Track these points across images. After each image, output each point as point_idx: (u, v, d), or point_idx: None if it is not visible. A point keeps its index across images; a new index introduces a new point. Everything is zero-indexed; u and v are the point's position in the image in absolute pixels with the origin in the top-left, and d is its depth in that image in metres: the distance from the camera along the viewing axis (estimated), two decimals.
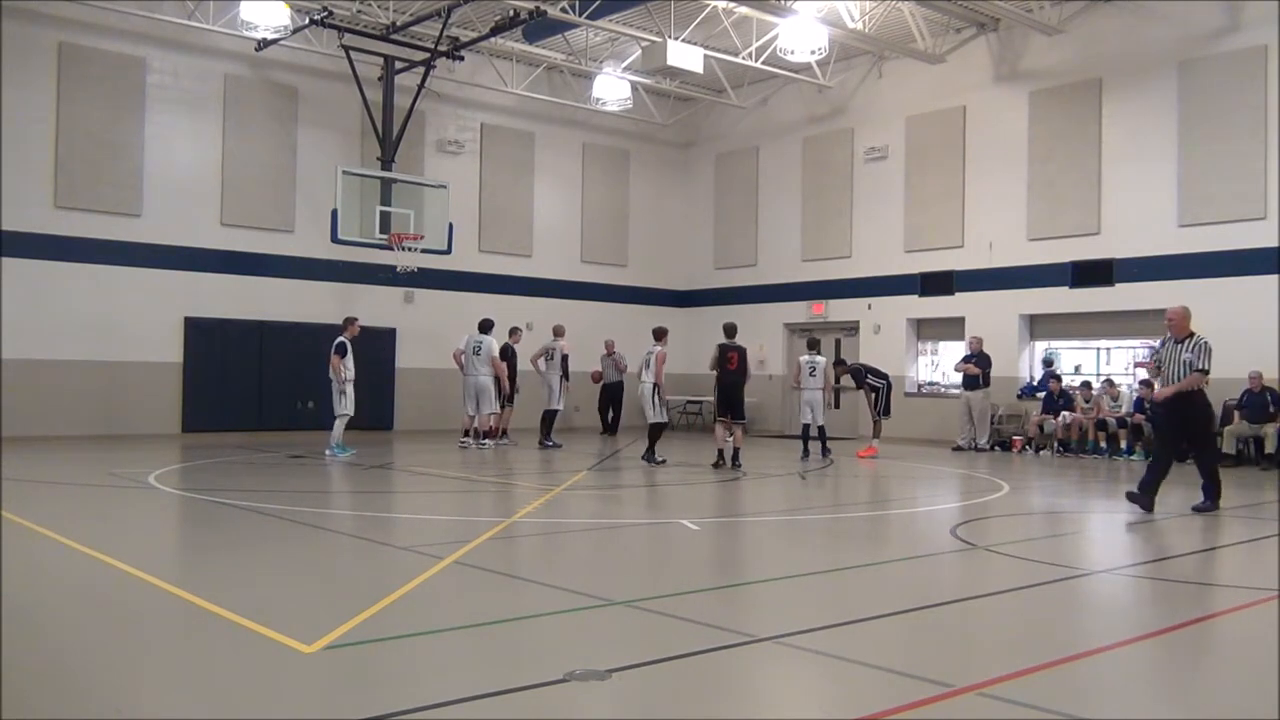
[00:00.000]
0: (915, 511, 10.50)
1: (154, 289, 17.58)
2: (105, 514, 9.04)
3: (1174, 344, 9.56)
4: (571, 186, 22.95)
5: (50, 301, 16.59)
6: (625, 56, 20.82)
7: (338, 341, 14.51)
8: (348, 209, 17.30)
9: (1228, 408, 15.38)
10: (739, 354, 13.44)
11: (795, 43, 17.23)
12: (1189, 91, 16.45)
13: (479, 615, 5.18)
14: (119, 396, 17.17)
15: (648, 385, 13.77)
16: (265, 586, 6.01)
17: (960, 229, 19.41)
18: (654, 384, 13.72)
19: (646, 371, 13.83)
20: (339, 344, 14.47)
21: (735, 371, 13.38)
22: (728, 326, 13.98)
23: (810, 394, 15.54)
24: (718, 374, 13.45)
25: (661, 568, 7.01)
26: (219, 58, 18.34)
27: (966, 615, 5.61)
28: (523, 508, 9.42)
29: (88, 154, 17.07)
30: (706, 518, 9.38)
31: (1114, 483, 13.19)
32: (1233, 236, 15.86)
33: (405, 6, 18.11)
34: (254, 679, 4.15)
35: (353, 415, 14.61)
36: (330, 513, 9.24)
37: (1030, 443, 17.44)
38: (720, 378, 13.42)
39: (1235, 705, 4.10)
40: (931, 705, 3.85)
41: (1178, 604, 6.12)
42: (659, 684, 4.17)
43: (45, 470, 11.97)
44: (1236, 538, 8.79)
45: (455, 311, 19.73)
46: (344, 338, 14.56)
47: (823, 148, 21.85)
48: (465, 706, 3.76)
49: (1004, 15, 17.63)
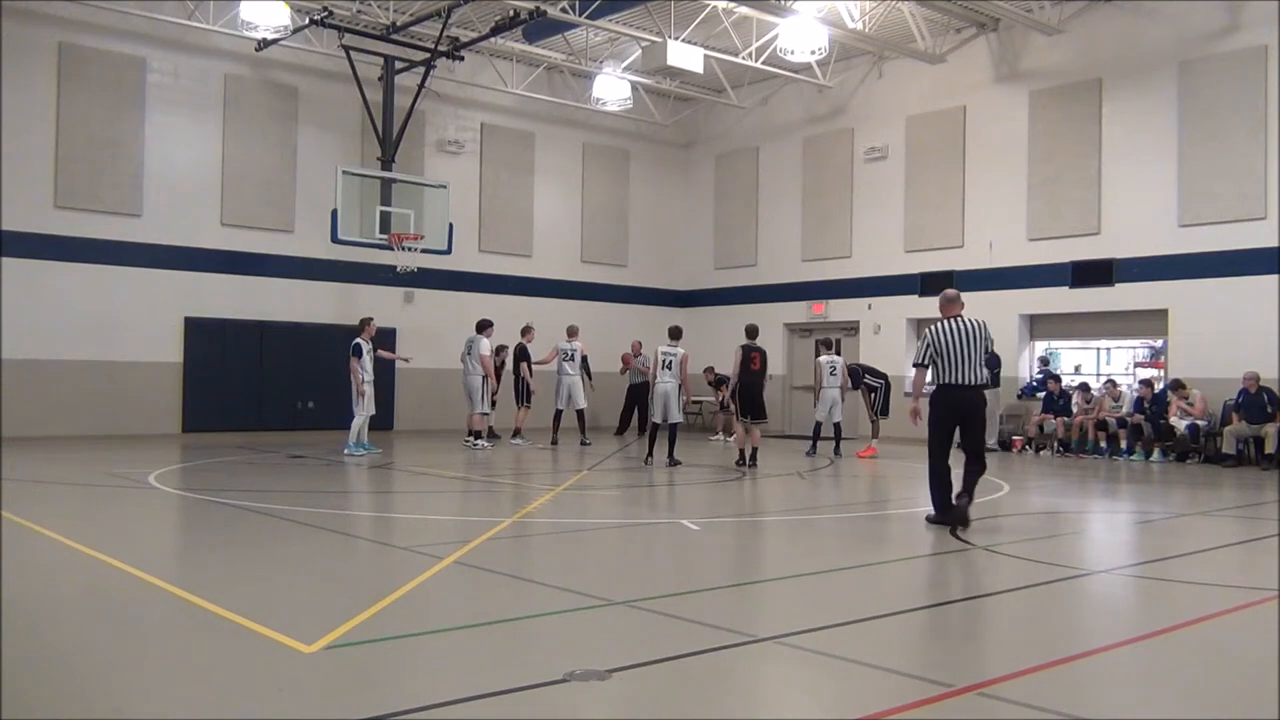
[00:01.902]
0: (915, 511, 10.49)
1: (154, 289, 17.58)
2: (105, 514, 9.04)
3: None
4: (571, 186, 22.95)
5: (50, 301, 16.59)
6: (625, 56, 20.82)
7: (354, 343, 14.68)
8: (348, 209, 17.29)
9: (1226, 408, 15.40)
10: (761, 355, 13.59)
11: (795, 43, 17.22)
12: (1189, 91, 16.45)
13: (479, 615, 5.18)
14: (119, 396, 17.17)
15: (671, 385, 13.76)
16: (265, 586, 6.01)
17: (960, 229, 19.41)
18: (678, 384, 13.77)
19: (666, 372, 13.81)
20: (354, 345, 14.66)
21: (757, 372, 13.50)
22: (750, 328, 14.10)
23: (830, 393, 15.91)
24: (740, 374, 13.52)
25: (661, 568, 7.01)
26: (219, 58, 18.34)
27: (966, 615, 5.61)
28: (523, 507, 9.41)
29: (88, 154, 17.07)
30: (707, 518, 9.38)
31: (1114, 483, 13.19)
32: (1233, 236, 15.86)
33: (405, 6, 18.12)
34: (254, 679, 4.15)
35: (374, 414, 14.92)
36: (330, 512, 9.24)
37: (1030, 443, 17.45)
38: (742, 378, 13.50)
39: (1235, 705, 4.10)
40: (931, 705, 3.85)
41: (1178, 604, 6.12)
42: (659, 684, 4.17)
43: (45, 470, 11.97)
44: (1236, 538, 8.79)
45: (455, 311, 19.74)
46: (360, 339, 14.66)
47: (823, 148, 21.85)
48: (465, 706, 3.76)
49: (1004, 15, 17.64)
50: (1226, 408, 15.40)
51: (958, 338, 8.35)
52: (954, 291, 8.79)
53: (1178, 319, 16.52)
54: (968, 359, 8.34)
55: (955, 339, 8.35)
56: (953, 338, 8.36)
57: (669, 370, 13.79)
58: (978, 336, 8.37)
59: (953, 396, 8.41)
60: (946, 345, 8.37)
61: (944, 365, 8.38)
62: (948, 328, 8.42)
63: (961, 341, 8.34)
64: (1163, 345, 17.14)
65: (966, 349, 8.33)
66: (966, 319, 8.44)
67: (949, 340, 8.37)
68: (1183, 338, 16.45)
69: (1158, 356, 17.45)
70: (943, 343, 8.38)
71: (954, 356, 8.34)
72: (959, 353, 8.33)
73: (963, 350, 8.33)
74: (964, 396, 8.39)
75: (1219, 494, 11.93)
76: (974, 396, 8.44)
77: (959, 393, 8.39)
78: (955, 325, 8.41)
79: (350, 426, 14.61)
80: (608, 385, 20.41)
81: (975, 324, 8.41)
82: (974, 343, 8.35)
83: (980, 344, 8.38)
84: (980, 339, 8.39)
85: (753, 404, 13.39)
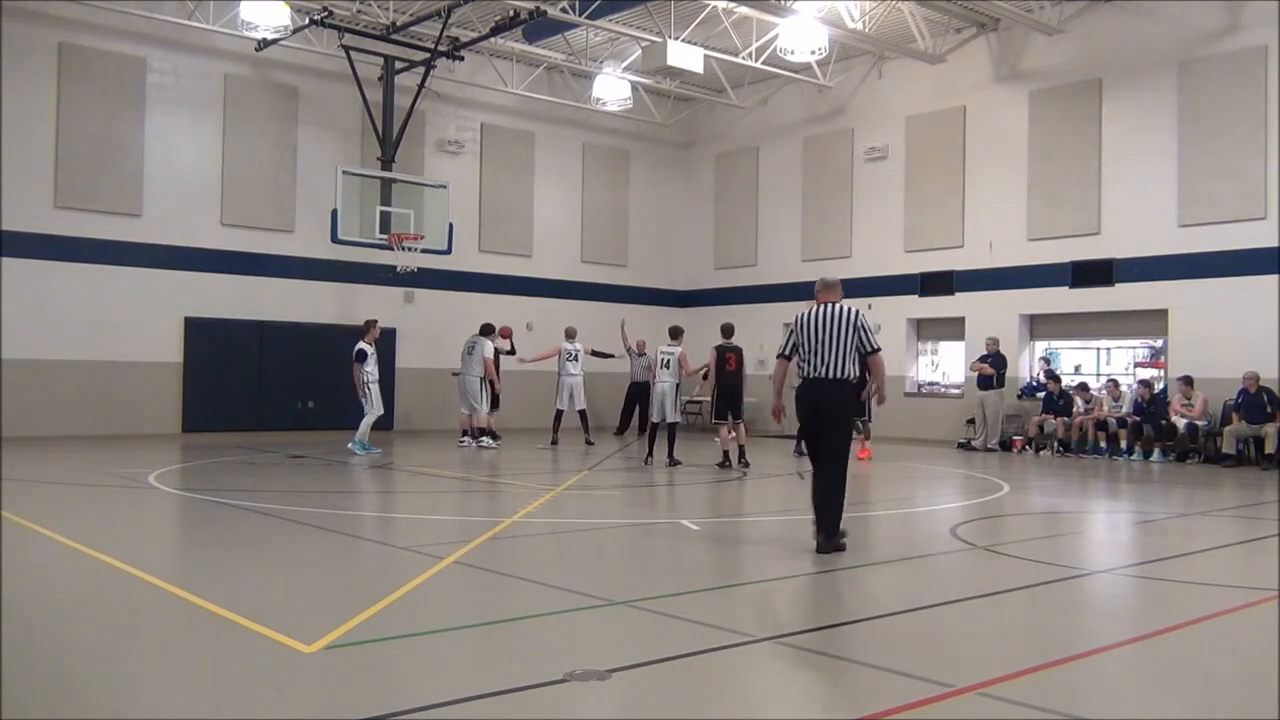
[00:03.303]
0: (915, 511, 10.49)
1: (154, 289, 17.58)
2: (105, 514, 9.03)
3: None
4: (571, 186, 22.95)
5: (50, 301, 16.59)
6: (625, 56, 20.81)
7: (357, 349, 14.83)
8: (348, 209, 17.29)
9: (1226, 408, 15.40)
10: (736, 354, 13.54)
11: (795, 43, 17.22)
12: (1189, 91, 16.45)
13: (479, 615, 5.18)
14: (119, 396, 17.16)
15: (669, 385, 13.82)
16: (265, 586, 6.01)
17: (960, 229, 19.41)
18: (676, 384, 13.85)
19: (665, 371, 13.87)
20: (358, 351, 14.81)
21: (734, 373, 13.46)
22: (725, 327, 14.02)
23: None
24: (716, 375, 13.47)
25: (661, 568, 7.00)
26: (219, 58, 18.34)
27: (966, 615, 5.61)
28: (523, 508, 9.41)
29: (88, 154, 17.07)
30: (707, 518, 9.38)
31: (1114, 482, 13.19)
32: (1233, 236, 15.86)
33: (405, 6, 18.12)
34: (254, 679, 4.15)
35: (382, 414, 15.07)
36: (330, 513, 9.24)
37: (1030, 443, 17.46)
38: (719, 378, 13.44)
39: (1235, 705, 4.10)
40: (931, 705, 3.85)
41: (1178, 604, 6.12)
42: (659, 684, 4.17)
43: (45, 470, 11.96)
44: (1236, 538, 8.78)
45: (455, 311, 19.74)
46: (363, 343, 14.83)
47: (823, 148, 21.86)
48: (465, 706, 3.76)
49: (1004, 15, 17.63)
50: (1226, 408, 15.39)
51: (822, 326, 7.21)
52: (834, 278, 7.65)
53: (1178, 319, 16.52)
54: (829, 349, 7.16)
55: (818, 327, 7.22)
56: (817, 325, 7.23)
57: (667, 370, 13.84)
58: (846, 326, 7.18)
59: (812, 392, 7.26)
60: (807, 334, 7.25)
61: (805, 357, 7.27)
62: (813, 315, 7.30)
63: (825, 330, 7.19)
64: (1163, 345, 17.13)
65: (829, 338, 7.17)
66: (836, 306, 7.31)
67: (812, 328, 7.24)
68: (1183, 338, 16.45)
69: (1158, 356, 17.45)
70: (805, 331, 7.27)
71: (814, 345, 7.21)
72: (819, 342, 7.18)
73: (824, 339, 7.17)
74: (824, 392, 7.22)
75: (1219, 494, 11.93)
76: (836, 392, 7.24)
77: (818, 387, 7.22)
78: (821, 312, 7.28)
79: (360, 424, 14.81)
80: (607, 385, 20.44)
81: (846, 311, 7.26)
82: (839, 332, 7.17)
83: (848, 335, 7.18)
84: (849, 329, 7.18)
85: (732, 403, 13.40)
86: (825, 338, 7.18)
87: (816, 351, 7.19)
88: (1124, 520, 9.97)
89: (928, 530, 9.04)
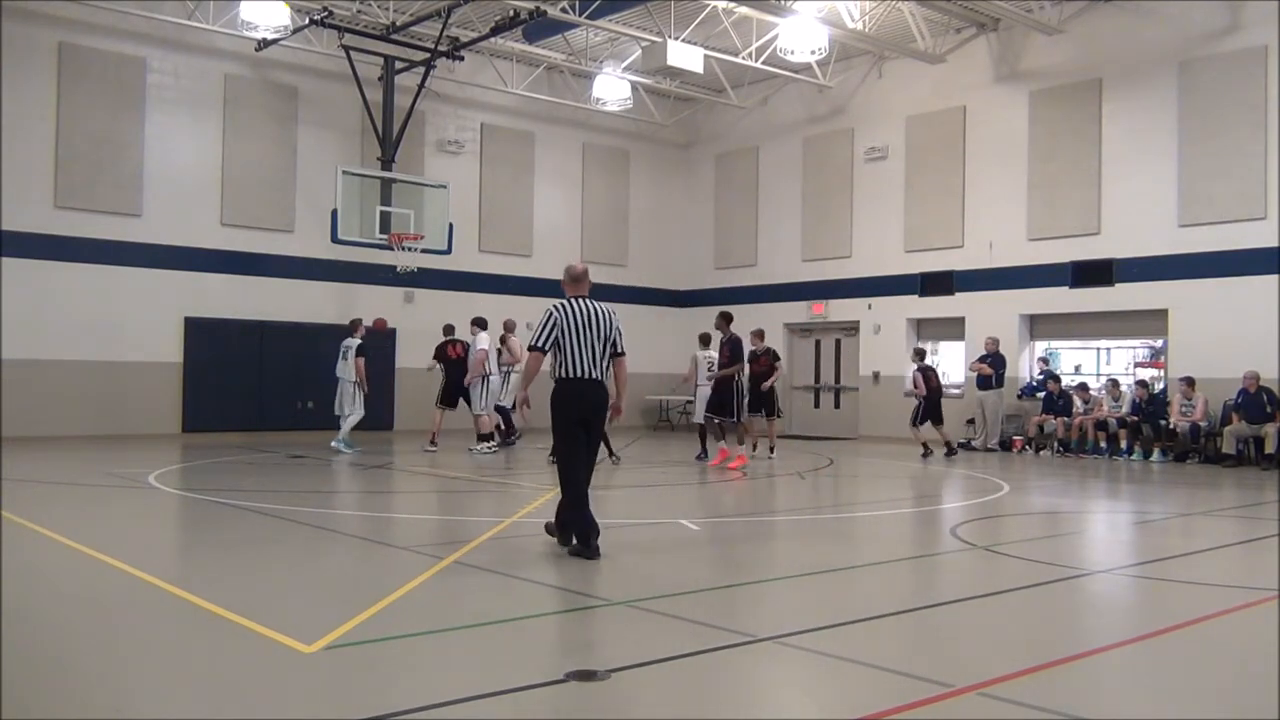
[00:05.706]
0: (915, 511, 10.49)
1: (154, 289, 17.58)
2: (105, 514, 9.03)
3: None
4: (571, 186, 22.95)
5: (50, 301, 16.59)
6: (625, 56, 20.81)
7: (357, 345, 15.04)
8: (348, 209, 17.30)
9: (1226, 408, 15.40)
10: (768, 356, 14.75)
11: (795, 43, 17.22)
12: (1189, 91, 16.45)
13: (479, 615, 5.17)
14: (119, 396, 17.16)
15: (707, 388, 14.41)
16: (265, 586, 6.01)
17: (960, 229, 19.40)
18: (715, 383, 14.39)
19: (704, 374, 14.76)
20: (360, 346, 15.06)
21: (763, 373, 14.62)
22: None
23: None
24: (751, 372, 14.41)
25: (661, 568, 7.00)
26: (219, 58, 18.34)
27: (966, 615, 5.61)
28: (523, 508, 9.41)
29: (88, 154, 17.07)
30: (706, 518, 9.38)
31: (1114, 483, 13.19)
32: (1233, 236, 15.86)
33: (405, 6, 18.12)
34: (254, 679, 4.15)
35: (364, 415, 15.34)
36: (330, 513, 9.24)
37: (1030, 443, 17.45)
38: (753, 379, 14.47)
39: (1235, 705, 4.10)
40: (931, 705, 3.85)
41: (1178, 604, 6.12)
42: (659, 684, 4.17)
43: (45, 470, 11.96)
44: (1236, 538, 8.78)
45: (455, 311, 19.66)
46: (359, 340, 15.11)
47: (823, 148, 21.85)
48: (465, 706, 3.76)
49: (1004, 15, 17.63)
50: (1226, 408, 15.39)
51: (585, 322, 6.87)
52: (584, 268, 7.21)
53: (1178, 319, 16.52)
54: (592, 348, 6.86)
55: (580, 323, 6.86)
56: (579, 322, 6.86)
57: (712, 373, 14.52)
58: (605, 324, 6.92)
59: (587, 392, 6.92)
60: (569, 330, 6.84)
61: (567, 353, 6.86)
62: (573, 309, 6.89)
63: (587, 327, 6.86)
64: (1163, 345, 17.13)
65: (590, 336, 6.86)
66: (595, 303, 7.01)
67: (575, 324, 6.85)
68: (1183, 338, 16.45)
69: (1158, 356, 17.45)
70: (568, 328, 6.84)
71: (576, 342, 6.84)
72: (581, 339, 6.85)
73: (587, 336, 6.85)
74: (588, 392, 6.93)
75: (1219, 494, 11.93)
76: (600, 393, 6.99)
77: (582, 388, 6.89)
78: (580, 307, 6.92)
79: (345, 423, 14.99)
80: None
81: (603, 310, 6.98)
82: (598, 330, 6.89)
83: (607, 334, 6.93)
84: (608, 328, 6.93)
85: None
86: (591, 336, 6.88)
87: (579, 350, 6.86)
88: (1124, 520, 9.97)
89: (928, 530, 9.04)
